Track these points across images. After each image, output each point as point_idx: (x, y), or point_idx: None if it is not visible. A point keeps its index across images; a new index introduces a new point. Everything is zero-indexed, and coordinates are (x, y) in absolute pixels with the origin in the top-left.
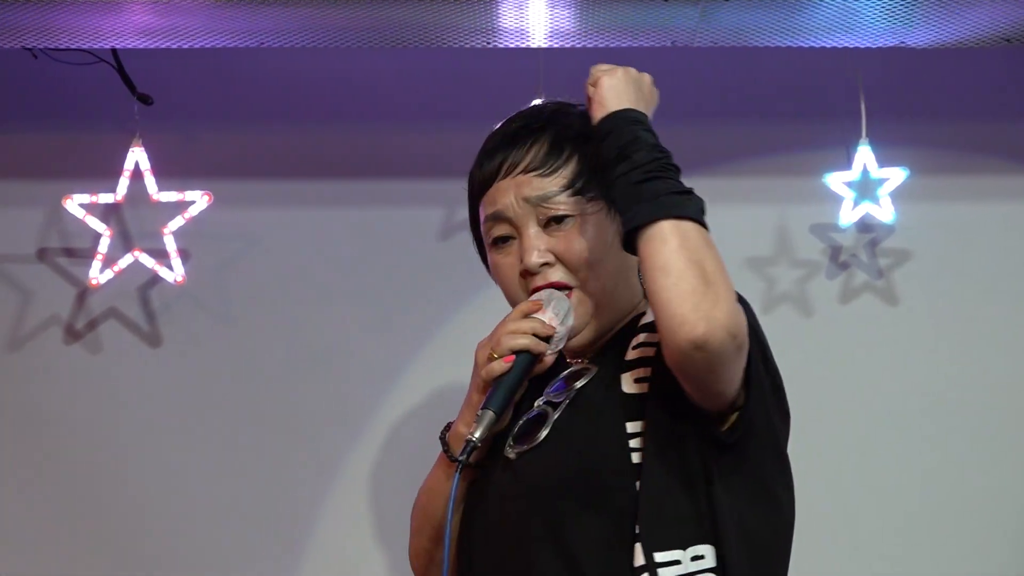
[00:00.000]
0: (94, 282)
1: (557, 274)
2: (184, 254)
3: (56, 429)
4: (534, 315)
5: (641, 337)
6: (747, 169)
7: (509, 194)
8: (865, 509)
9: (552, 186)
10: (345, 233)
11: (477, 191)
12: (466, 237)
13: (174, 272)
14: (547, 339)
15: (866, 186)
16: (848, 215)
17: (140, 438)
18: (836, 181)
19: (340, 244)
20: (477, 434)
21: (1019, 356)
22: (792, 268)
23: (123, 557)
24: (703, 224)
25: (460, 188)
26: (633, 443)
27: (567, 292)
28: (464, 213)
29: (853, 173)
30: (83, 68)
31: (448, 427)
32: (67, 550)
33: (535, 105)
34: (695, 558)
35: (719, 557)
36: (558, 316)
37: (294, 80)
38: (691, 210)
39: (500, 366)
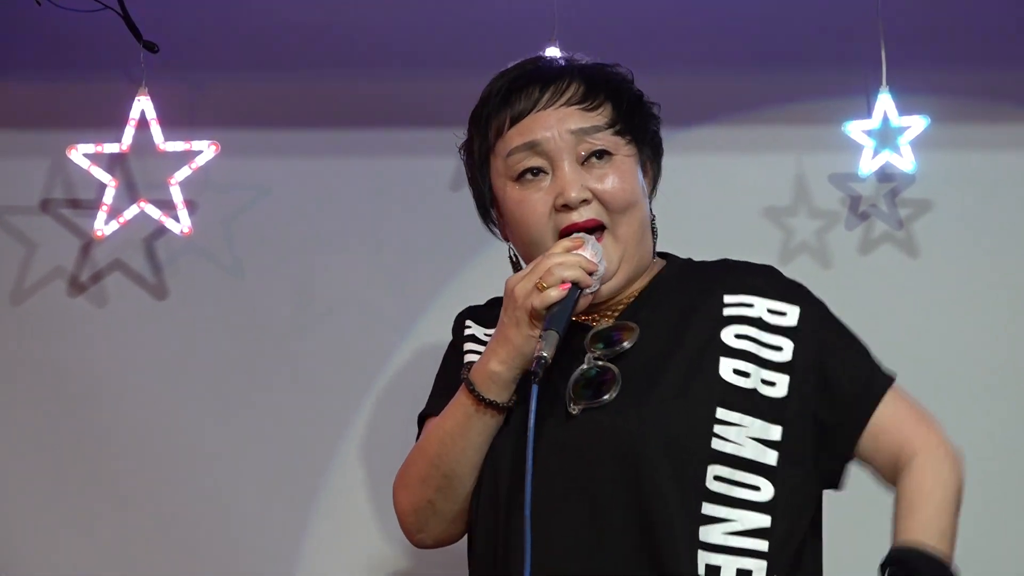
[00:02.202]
0: (99, 233)
1: (593, 211)
2: (191, 205)
3: (60, 381)
4: (576, 251)
5: (745, 329)
6: (765, 117)
7: (551, 124)
8: None
9: (596, 121)
10: (354, 183)
11: (503, 126)
12: None
13: (180, 223)
14: (589, 275)
15: (886, 135)
16: (868, 164)
17: (145, 390)
18: (856, 129)
19: (349, 194)
20: (547, 352)
21: None
22: (811, 218)
23: (126, 505)
24: None
25: None
26: (719, 429)
27: (598, 234)
28: None
29: (873, 121)
30: (88, 16)
31: (467, 369)
32: (71, 499)
33: (540, 55)
34: None
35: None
36: (596, 256)
37: (303, 28)
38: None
39: (557, 292)
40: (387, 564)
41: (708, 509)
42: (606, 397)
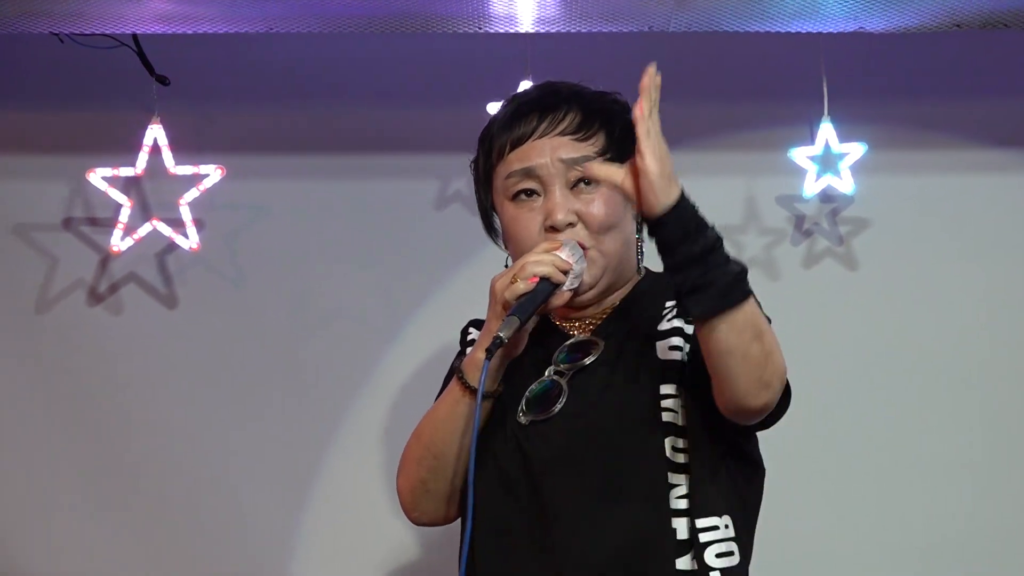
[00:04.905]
0: (115, 249)
1: (579, 235)
2: (198, 223)
3: (80, 384)
4: (554, 252)
5: (673, 315)
6: (719, 144)
7: (545, 152)
8: (823, 463)
9: (587, 151)
10: (347, 203)
11: (503, 149)
12: (458, 208)
13: (189, 240)
14: (564, 273)
15: (828, 160)
16: (811, 186)
17: (157, 392)
18: (800, 155)
19: (342, 214)
20: (503, 332)
21: (969, 317)
22: (760, 235)
23: (140, 495)
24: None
25: (454, 162)
26: (665, 403)
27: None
28: (456, 185)
29: (816, 148)
30: (106, 52)
31: (458, 360)
32: (89, 487)
33: (549, 82)
34: (725, 526)
35: (735, 526)
36: (573, 256)
37: (300, 63)
38: (747, 287)
39: (525, 285)
40: (371, 547)
41: (672, 479)
42: (555, 409)
